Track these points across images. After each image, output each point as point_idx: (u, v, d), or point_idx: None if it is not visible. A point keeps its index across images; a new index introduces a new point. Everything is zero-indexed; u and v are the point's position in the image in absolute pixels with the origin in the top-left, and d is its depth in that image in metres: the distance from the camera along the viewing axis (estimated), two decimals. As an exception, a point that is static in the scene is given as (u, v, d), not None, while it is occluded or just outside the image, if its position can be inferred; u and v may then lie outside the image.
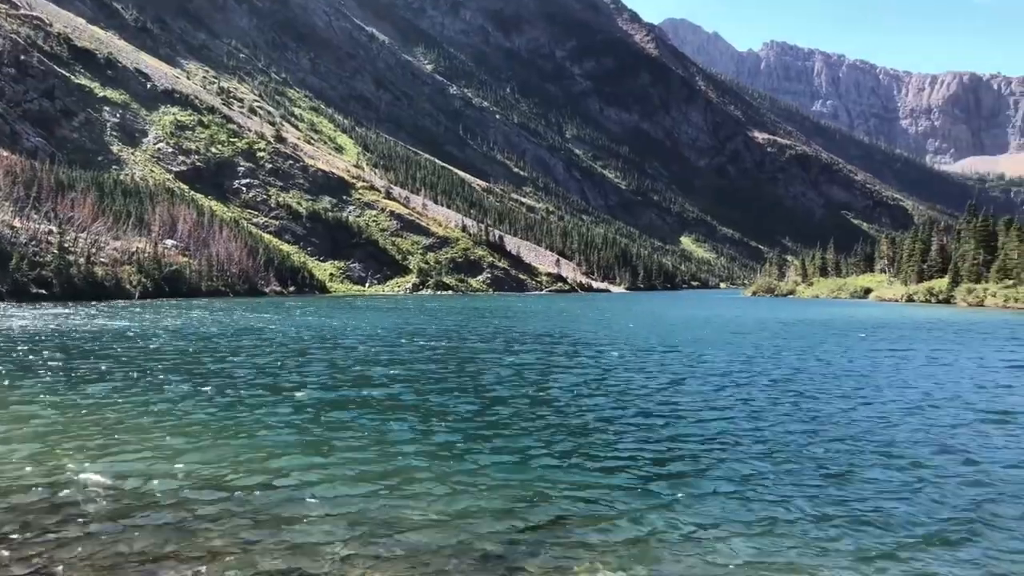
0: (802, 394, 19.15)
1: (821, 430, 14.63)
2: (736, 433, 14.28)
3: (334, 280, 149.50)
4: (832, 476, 11.34)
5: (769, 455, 12.57)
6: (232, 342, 32.28)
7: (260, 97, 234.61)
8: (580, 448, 12.99)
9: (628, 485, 10.82)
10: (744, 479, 11.12)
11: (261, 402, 17.12)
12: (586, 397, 18.46)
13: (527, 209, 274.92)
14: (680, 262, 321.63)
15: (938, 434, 14.39)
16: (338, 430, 14.17)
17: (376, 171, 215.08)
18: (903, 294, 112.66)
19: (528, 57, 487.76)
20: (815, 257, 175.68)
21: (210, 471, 11.28)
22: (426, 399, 17.91)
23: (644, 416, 15.99)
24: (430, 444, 13.18)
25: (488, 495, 10.22)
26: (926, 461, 12.27)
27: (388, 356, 27.45)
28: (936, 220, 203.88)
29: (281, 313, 59.94)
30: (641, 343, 34.62)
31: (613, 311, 73.80)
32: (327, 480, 10.86)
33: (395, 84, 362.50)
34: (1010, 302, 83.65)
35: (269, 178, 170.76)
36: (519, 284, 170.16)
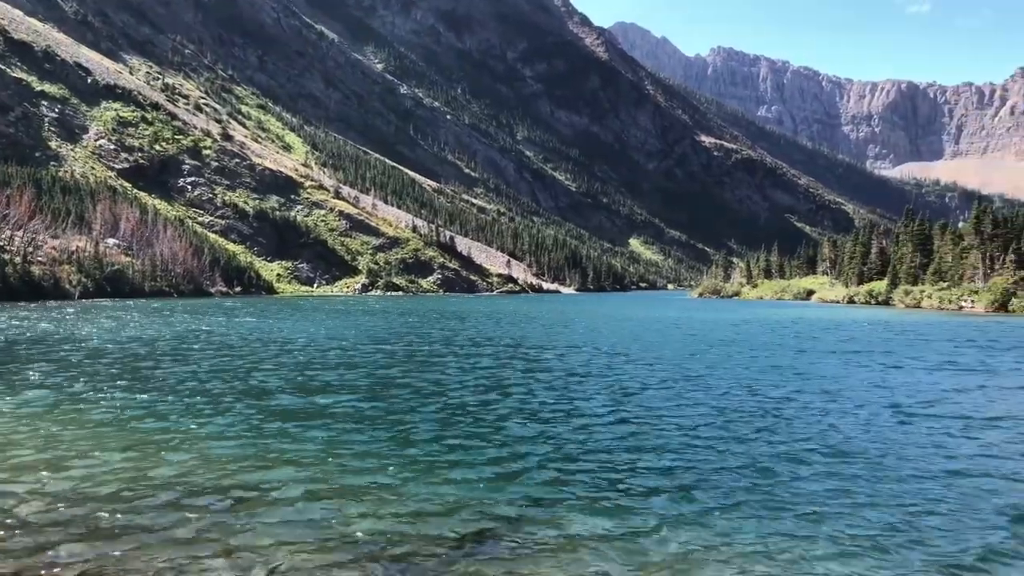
0: (751, 395, 19.69)
1: (769, 433, 15.09)
2: (691, 439, 14.66)
3: (282, 281, 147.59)
4: (772, 475, 11.77)
5: (715, 457, 12.97)
6: (170, 346, 31.80)
7: (206, 94, 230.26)
8: (531, 454, 13.20)
9: (577, 490, 11.07)
10: (690, 480, 11.47)
11: (204, 411, 16.99)
12: (540, 403, 18.70)
13: (478, 210, 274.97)
14: (629, 264, 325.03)
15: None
16: (282, 438, 14.15)
17: (325, 170, 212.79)
18: (844, 296, 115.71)
19: (479, 58, 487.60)
20: (760, 259, 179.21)
21: (148, 480, 11.23)
22: (373, 406, 17.96)
23: (598, 421, 16.29)
24: (377, 451, 13.26)
25: (436, 502, 10.36)
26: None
27: (335, 362, 27.38)
28: (876, 224, 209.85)
29: (221, 315, 59.07)
30: (602, 347, 35.04)
31: (568, 313, 74.33)
32: (272, 488, 10.88)
33: (345, 83, 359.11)
34: (944, 303, 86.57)
35: (215, 176, 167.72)
36: (470, 285, 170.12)
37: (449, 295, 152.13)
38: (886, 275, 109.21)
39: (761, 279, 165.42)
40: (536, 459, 12.68)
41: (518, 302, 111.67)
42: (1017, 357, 30.30)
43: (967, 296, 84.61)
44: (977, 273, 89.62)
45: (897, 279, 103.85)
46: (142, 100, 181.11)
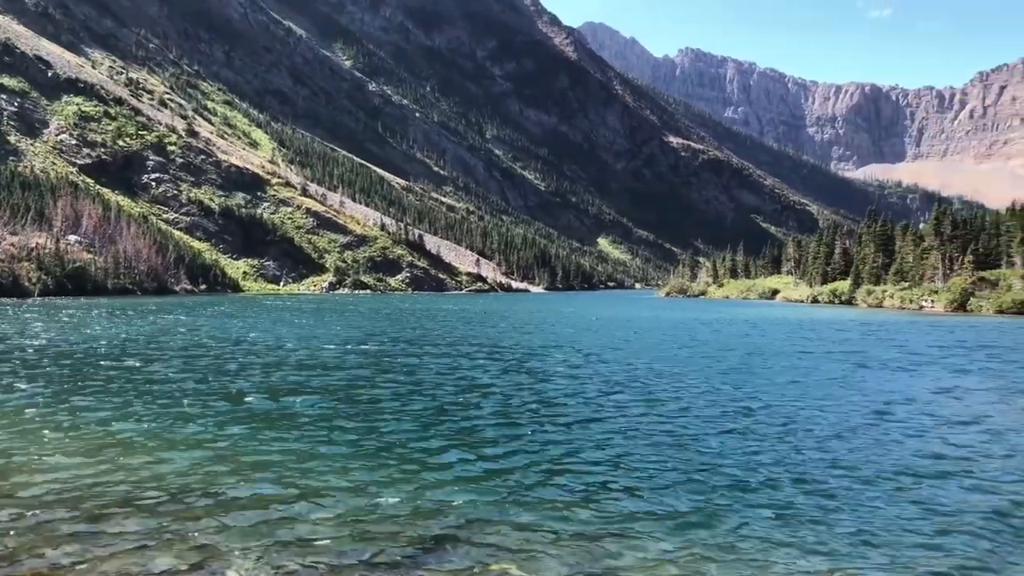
0: (710, 393, 19.94)
1: (720, 420, 15.31)
2: (661, 438, 14.82)
3: (247, 278, 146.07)
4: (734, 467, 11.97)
5: (678, 453, 13.13)
6: (131, 347, 31.38)
7: (171, 89, 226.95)
8: (499, 455, 13.28)
9: (545, 492, 11.16)
10: (662, 480, 11.61)
11: (163, 414, 16.83)
12: (510, 404, 18.77)
13: (447, 208, 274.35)
14: (597, 263, 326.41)
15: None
16: (245, 440, 14.07)
17: (292, 167, 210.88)
18: (808, 295, 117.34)
19: (449, 56, 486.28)
20: (726, 259, 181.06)
21: (108, 483, 11.12)
22: (339, 408, 17.92)
23: (569, 422, 16.40)
24: (343, 453, 13.24)
25: (397, 503, 10.38)
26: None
27: (300, 363, 27.23)
28: (840, 224, 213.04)
29: (187, 313, 58.33)
30: (570, 346, 35.18)
31: (538, 313, 74.48)
32: (234, 489, 10.83)
33: (313, 79, 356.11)
34: (905, 303, 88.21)
35: (180, 173, 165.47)
36: (439, 284, 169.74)
37: (418, 294, 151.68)
38: (849, 275, 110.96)
39: (727, 279, 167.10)
40: (504, 460, 12.75)
41: (487, 301, 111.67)
42: (989, 356, 31.03)
43: (927, 296, 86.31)
44: (937, 273, 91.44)
45: (860, 279, 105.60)
46: (105, 95, 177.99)
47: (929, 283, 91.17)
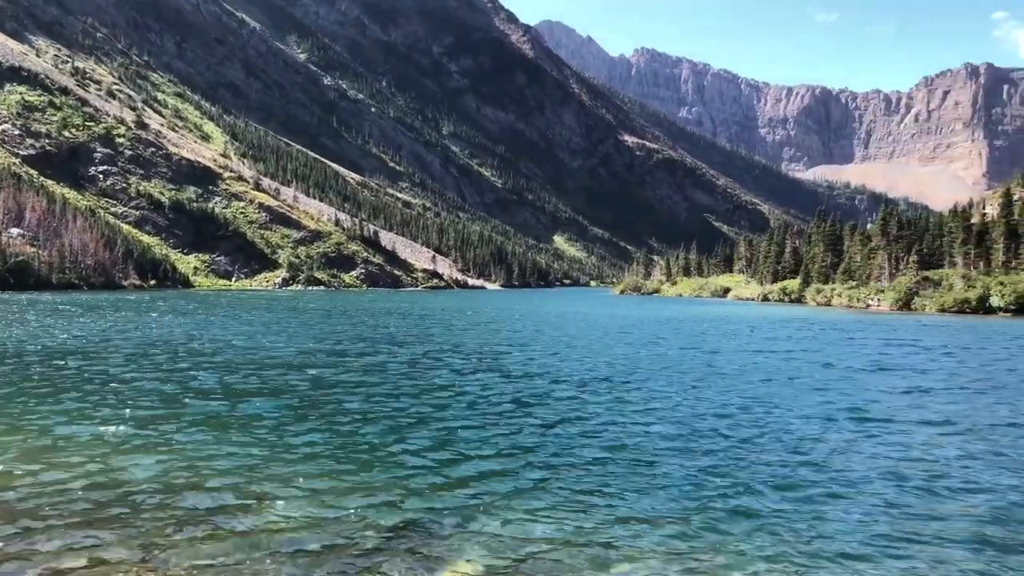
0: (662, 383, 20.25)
1: (680, 422, 15.58)
2: (607, 428, 15.01)
3: (199, 274, 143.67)
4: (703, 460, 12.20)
5: (638, 447, 13.34)
6: (72, 348, 30.72)
7: (120, 80, 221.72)
8: (452, 450, 13.34)
9: (496, 486, 11.25)
10: (609, 475, 11.79)
11: (97, 415, 16.56)
12: (458, 401, 18.83)
13: (403, 204, 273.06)
14: (553, 260, 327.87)
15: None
16: (193, 443, 13.94)
17: (245, 161, 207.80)
18: (759, 293, 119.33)
19: (405, 51, 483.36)
20: (679, 257, 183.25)
21: (58, 480, 10.94)
22: (291, 408, 17.82)
23: (525, 418, 16.51)
24: (296, 453, 13.19)
25: (355, 497, 10.40)
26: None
27: (242, 363, 26.97)
28: (790, 224, 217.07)
29: (133, 310, 57.19)
30: (528, 343, 35.32)
31: (496, 310, 74.57)
32: (191, 486, 10.74)
33: (266, 72, 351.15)
34: (853, 302, 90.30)
35: (129, 166, 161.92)
36: (394, 280, 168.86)
37: (373, 290, 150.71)
38: (799, 274, 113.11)
39: (680, 277, 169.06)
40: (458, 457, 12.82)
41: (443, 298, 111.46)
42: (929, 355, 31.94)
43: (874, 295, 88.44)
44: (883, 272, 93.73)
45: (809, 278, 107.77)
46: (50, 84, 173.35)
47: (876, 282, 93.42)
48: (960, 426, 15.85)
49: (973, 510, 10.20)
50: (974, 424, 16.12)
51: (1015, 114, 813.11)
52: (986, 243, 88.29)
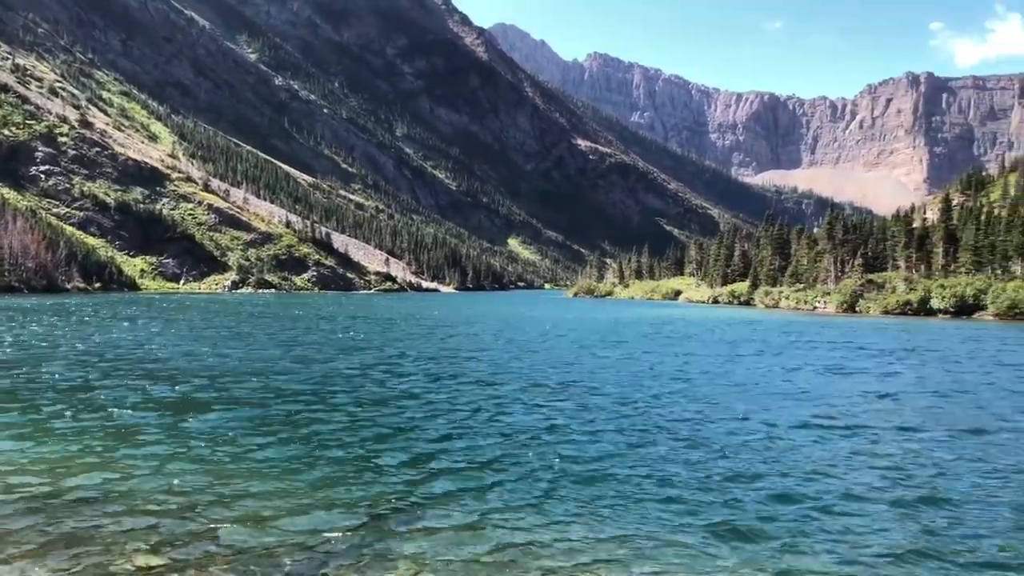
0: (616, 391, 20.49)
1: (649, 428, 15.81)
2: (552, 434, 15.16)
3: (146, 276, 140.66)
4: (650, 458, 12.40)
5: (587, 453, 13.50)
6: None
7: (63, 77, 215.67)
8: (404, 454, 13.36)
9: (446, 488, 11.31)
10: (557, 477, 11.92)
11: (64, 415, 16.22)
12: (413, 404, 18.84)
13: (356, 206, 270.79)
14: (507, 263, 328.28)
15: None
16: (152, 442, 13.75)
17: (194, 162, 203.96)
18: (709, 296, 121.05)
19: (358, 52, 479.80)
20: (631, 260, 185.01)
21: (13, 484, 10.72)
22: (244, 408, 17.65)
23: (471, 421, 16.58)
24: (252, 454, 13.10)
25: (307, 499, 10.38)
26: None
27: (182, 373, 26.60)
28: (739, 228, 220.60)
29: (68, 315, 55.82)
30: (479, 349, 35.35)
31: (451, 314, 74.41)
32: (138, 497, 10.61)
33: (216, 72, 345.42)
34: (800, 304, 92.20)
35: (72, 165, 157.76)
36: (347, 283, 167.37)
37: (325, 293, 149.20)
38: (748, 276, 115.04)
39: (633, 279, 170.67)
40: (407, 458, 12.85)
41: (397, 302, 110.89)
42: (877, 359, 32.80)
43: (820, 297, 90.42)
44: (829, 275, 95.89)
45: (758, 280, 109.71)
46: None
47: (822, 285, 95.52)
48: (936, 431, 16.32)
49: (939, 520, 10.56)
50: (952, 427, 16.65)
51: (953, 122, 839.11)
52: (927, 247, 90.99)
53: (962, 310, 71.15)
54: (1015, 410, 18.38)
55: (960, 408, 18.71)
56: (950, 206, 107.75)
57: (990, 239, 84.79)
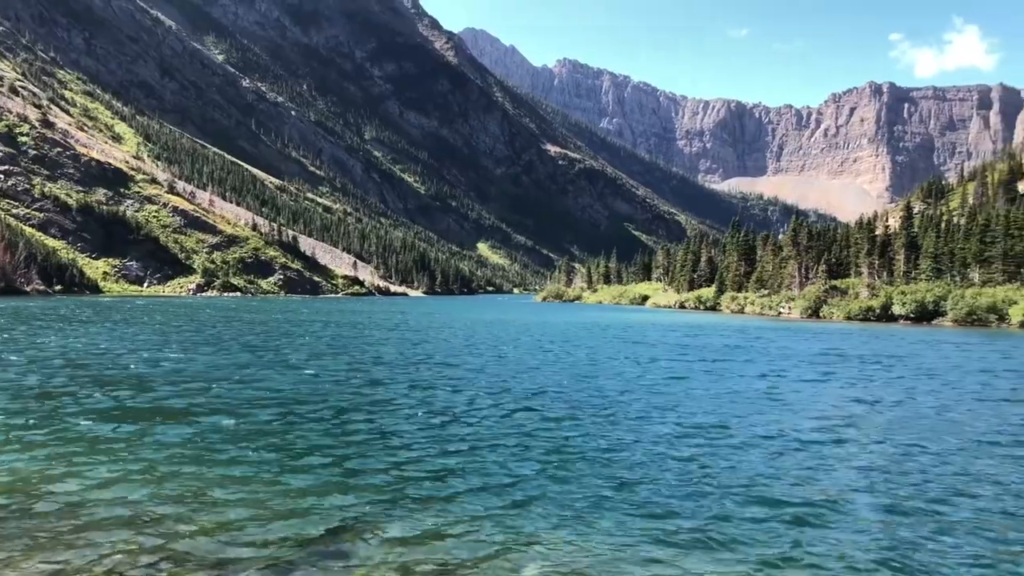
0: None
1: (601, 434, 15.92)
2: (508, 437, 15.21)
3: (108, 279, 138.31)
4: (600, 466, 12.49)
5: (546, 458, 13.57)
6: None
7: (23, 76, 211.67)
8: (362, 461, 13.33)
9: (415, 495, 11.31)
10: (508, 477, 11.98)
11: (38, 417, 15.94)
12: (374, 412, 18.79)
13: (323, 209, 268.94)
14: (477, 267, 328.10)
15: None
16: (99, 453, 13.57)
17: (159, 163, 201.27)
18: (676, 301, 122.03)
19: (327, 55, 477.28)
20: (600, 265, 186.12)
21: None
22: (207, 413, 17.50)
23: (433, 427, 16.58)
24: (212, 460, 12.99)
25: (264, 510, 10.32)
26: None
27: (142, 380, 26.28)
28: (706, 234, 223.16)
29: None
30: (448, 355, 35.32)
31: (421, 319, 74.16)
32: (100, 504, 10.48)
33: (182, 72, 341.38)
34: (765, 309, 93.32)
35: (33, 166, 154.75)
36: (314, 286, 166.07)
37: (291, 297, 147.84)
38: (714, 282, 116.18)
39: (601, 284, 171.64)
40: (375, 466, 12.83)
41: (364, 305, 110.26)
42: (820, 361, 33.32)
43: (785, 303, 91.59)
44: (794, 281, 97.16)
45: (724, 286, 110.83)
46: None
47: (787, 290, 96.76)
48: (912, 437, 16.64)
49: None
50: (933, 431, 16.96)
51: (914, 131, 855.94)
52: (889, 254, 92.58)
53: (923, 316, 72.53)
54: (994, 417, 18.81)
55: (930, 415, 19.10)
56: (911, 214, 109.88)
57: (949, 247, 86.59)
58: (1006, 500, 11.12)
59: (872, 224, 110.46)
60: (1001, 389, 23.32)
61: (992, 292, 71.50)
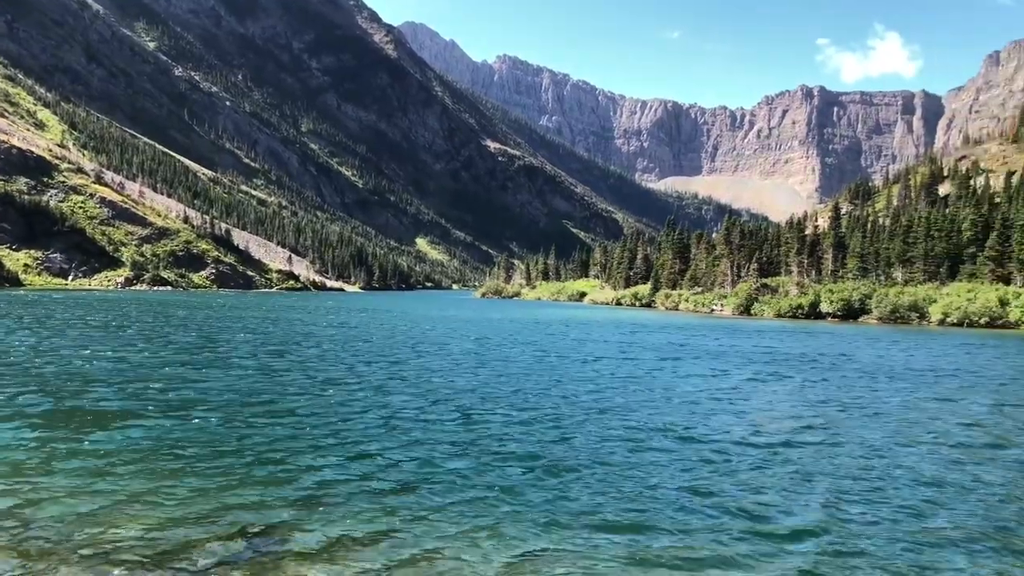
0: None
1: (528, 422, 16.05)
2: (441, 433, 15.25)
3: (30, 272, 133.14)
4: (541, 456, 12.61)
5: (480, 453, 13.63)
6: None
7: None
8: (292, 461, 13.21)
9: (350, 497, 11.25)
10: (452, 473, 12.02)
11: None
12: (297, 410, 18.61)
13: (258, 202, 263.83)
14: (415, 263, 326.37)
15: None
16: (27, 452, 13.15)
17: (85, 153, 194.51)
18: (613, 298, 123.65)
19: (263, 45, 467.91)
20: (539, 262, 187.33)
21: None
22: (137, 413, 17.10)
23: (388, 428, 16.50)
24: (134, 465, 12.72)
25: (195, 510, 10.18)
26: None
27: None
28: (642, 232, 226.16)
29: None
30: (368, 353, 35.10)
31: (362, 317, 73.38)
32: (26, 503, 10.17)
33: (111, 59, 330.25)
34: (698, 307, 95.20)
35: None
36: (247, 281, 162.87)
37: (223, 291, 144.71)
38: (650, 280, 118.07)
39: (540, 281, 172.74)
40: (300, 465, 12.73)
41: (298, 301, 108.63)
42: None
43: (718, 300, 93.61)
44: (727, 279, 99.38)
45: (659, 283, 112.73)
46: None
47: (720, 288, 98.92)
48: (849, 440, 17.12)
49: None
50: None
51: (843, 134, 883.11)
52: (817, 253, 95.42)
53: (849, 314, 74.95)
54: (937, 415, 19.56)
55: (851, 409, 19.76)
56: (839, 215, 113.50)
57: (875, 247, 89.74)
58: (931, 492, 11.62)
59: (802, 224, 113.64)
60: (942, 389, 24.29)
61: (914, 291, 74.35)
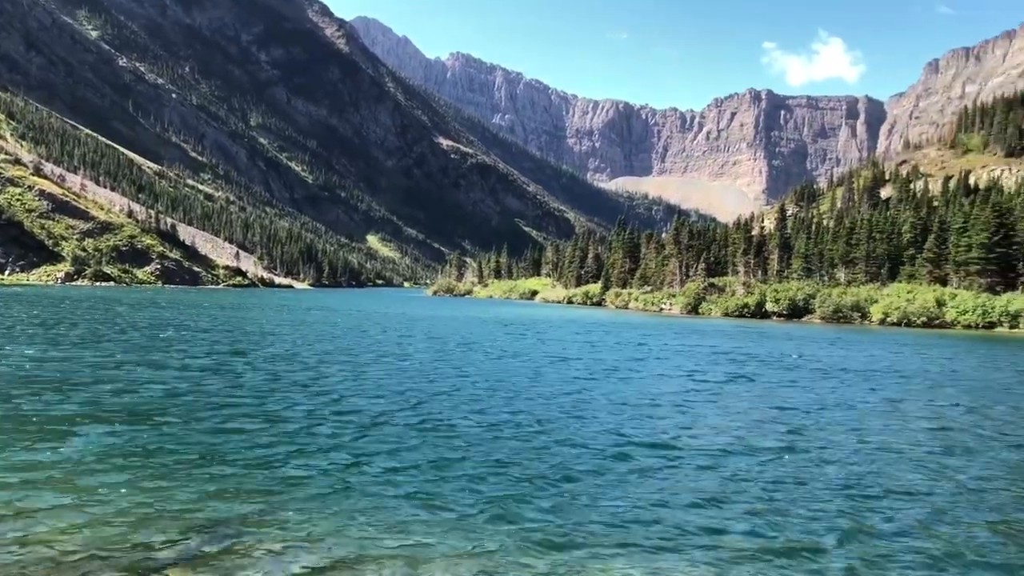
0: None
1: (485, 413, 16.12)
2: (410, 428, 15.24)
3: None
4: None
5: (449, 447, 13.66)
6: None
7: None
8: (245, 458, 13.09)
9: (297, 491, 11.20)
10: (433, 469, 12.04)
11: None
12: (261, 412, 18.42)
13: (205, 197, 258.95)
14: (366, 260, 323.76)
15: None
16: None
17: (23, 143, 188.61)
18: (564, 296, 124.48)
19: (211, 37, 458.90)
20: (491, 260, 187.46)
21: None
22: (94, 424, 16.74)
23: (317, 425, 16.40)
24: (83, 465, 12.47)
25: (147, 511, 10.03)
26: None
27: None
28: (594, 231, 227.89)
29: None
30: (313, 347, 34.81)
31: (321, 314, 72.56)
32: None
33: (51, 47, 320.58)
34: (648, 306, 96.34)
35: None
36: (193, 277, 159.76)
37: (169, 287, 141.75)
38: (601, 278, 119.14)
39: (492, 279, 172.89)
40: (257, 464, 12.62)
41: (244, 297, 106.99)
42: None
43: (666, 299, 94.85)
44: (676, 279, 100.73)
45: (609, 282, 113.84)
46: None
47: (669, 287, 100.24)
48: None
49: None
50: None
51: (789, 137, 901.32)
52: (764, 253, 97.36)
53: (794, 313, 76.63)
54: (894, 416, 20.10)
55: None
56: (785, 216, 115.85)
57: (819, 248, 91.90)
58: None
59: (749, 225, 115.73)
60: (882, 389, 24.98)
61: (856, 291, 76.38)
